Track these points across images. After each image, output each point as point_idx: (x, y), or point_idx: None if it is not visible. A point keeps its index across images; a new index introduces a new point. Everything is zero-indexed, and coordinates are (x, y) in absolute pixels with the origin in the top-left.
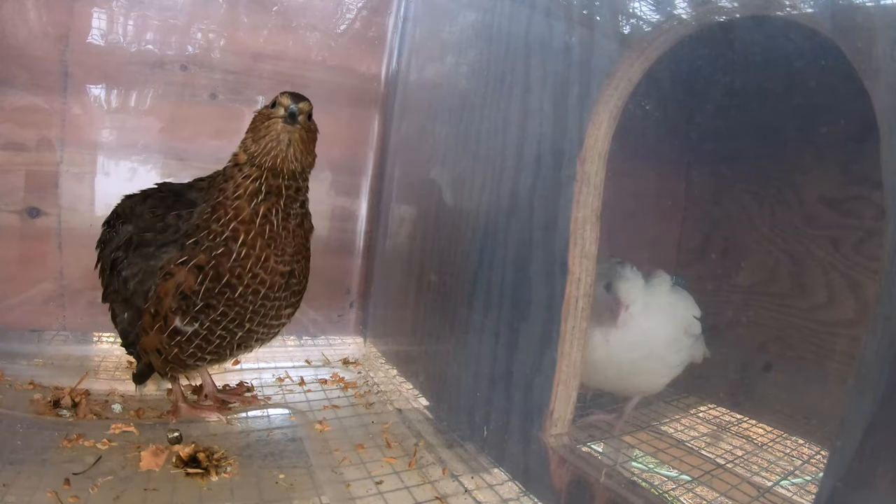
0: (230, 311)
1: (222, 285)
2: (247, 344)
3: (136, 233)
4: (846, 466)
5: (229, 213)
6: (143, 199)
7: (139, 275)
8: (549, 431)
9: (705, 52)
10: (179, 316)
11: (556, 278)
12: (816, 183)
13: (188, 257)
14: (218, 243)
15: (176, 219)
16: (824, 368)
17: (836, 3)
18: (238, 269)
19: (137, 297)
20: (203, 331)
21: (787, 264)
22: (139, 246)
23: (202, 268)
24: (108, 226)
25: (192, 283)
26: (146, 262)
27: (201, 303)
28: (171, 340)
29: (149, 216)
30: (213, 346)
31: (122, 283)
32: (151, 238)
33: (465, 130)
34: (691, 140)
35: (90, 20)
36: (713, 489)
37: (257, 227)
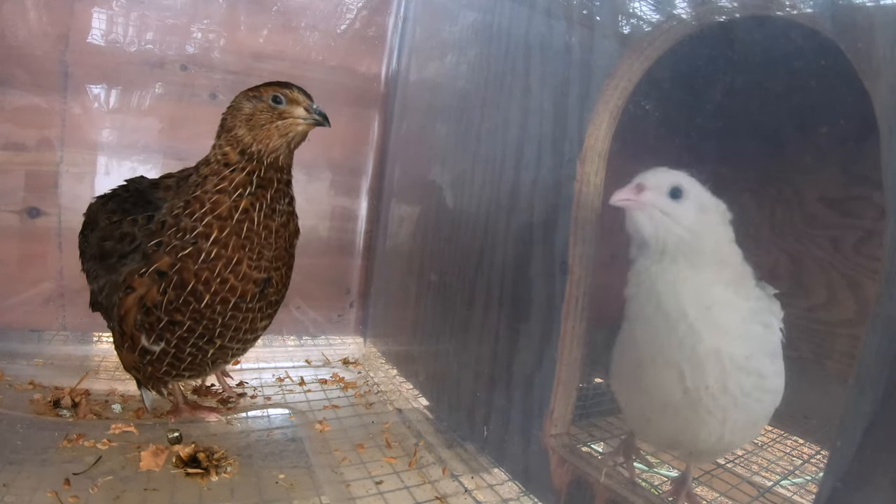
0: (197, 325)
1: (187, 293)
2: (223, 359)
3: (97, 243)
4: (846, 466)
5: (205, 207)
6: (104, 201)
7: (105, 289)
8: (549, 431)
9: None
10: (144, 334)
11: (556, 278)
12: (816, 183)
13: (148, 264)
14: (186, 241)
15: (132, 225)
16: (824, 368)
17: (836, 3)
18: (206, 273)
19: (111, 312)
20: (171, 349)
21: (787, 264)
22: (102, 258)
23: (164, 273)
24: (82, 235)
25: (155, 294)
26: (108, 274)
27: (165, 318)
28: (143, 359)
29: (105, 223)
30: (186, 364)
31: (97, 295)
32: (112, 248)
33: (465, 130)
34: (691, 140)
35: (90, 20)
36: (713, 489)
37: (234, 224)
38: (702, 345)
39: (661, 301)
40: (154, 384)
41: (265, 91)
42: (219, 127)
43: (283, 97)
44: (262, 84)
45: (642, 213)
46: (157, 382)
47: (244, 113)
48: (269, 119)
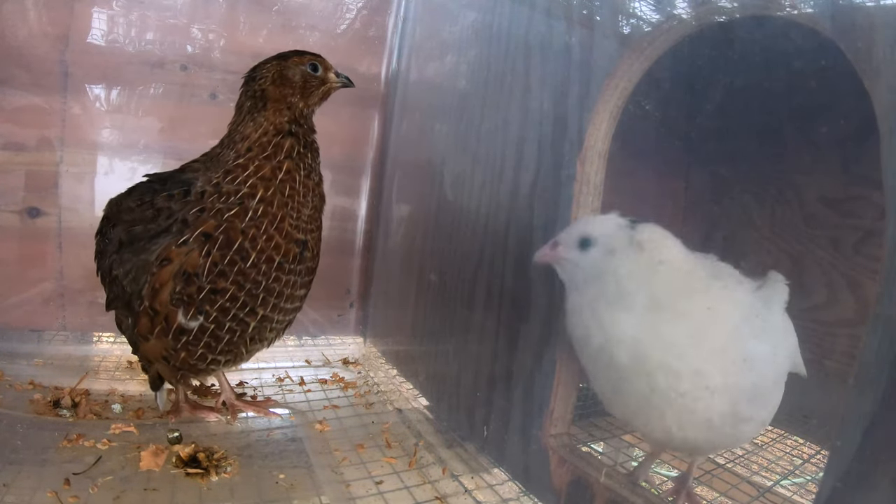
0: (240, 291)
1: (233, 252)
2: (262, 335)
3: (124, 230)
4: (846, 466)
5: (248, 170)
6: (127, 193)
7: (131, 272)
8: (549, 431)
9: (705, 52)
10: (182, 309)
11: (557, 278)
12: (816, 183)
13: (192, 230)
14: (231, 203)
15: (167, 200)
16: (824, 368)
17: (836, 3)
18: (252, 231)
19: (134, 299)
20: (210, 324)
21: (787, 264)
22: (130, 242)
23: (209, 235)
24: (100, 235)
25: (197, 259)
26: (137, 256)
27: (207, 285)
28: (177, 343)
29: (135, 207)
30: (224, 344)
31: (119, 287)
32: (141, 231)
33: (465, 130)
34: (691, 140)
35: (90, 20)
36: (713, 489)
37: (278, 183)
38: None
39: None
40: (183, 375)
41: (300, 60)
42: (250, 101)
43: (318, 64)
44: (288, 54)
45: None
46: (188, 372)
47: (296, 81)
48: (316, 85)
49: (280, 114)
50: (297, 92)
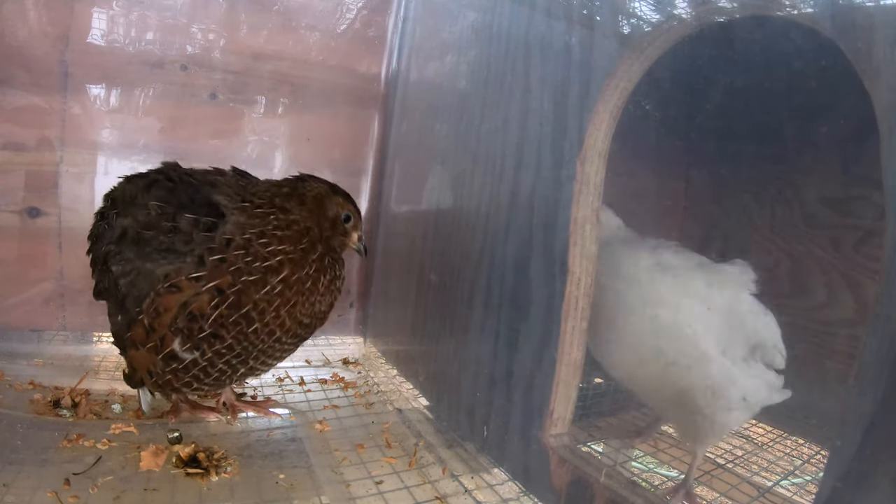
0: (237, 345)
1: (239, 315)
2: (245, 377)
3: (133, 227)
4: (846, 466)
5: (282, 245)
6: (146, 187)
7: (131, 275)
8: (549, 431)
9: (705, 52)
10: (179, 339)
11: (556, 278)
12: (816, 183)
13: (208, 274)
14: (254, 268)
15: (192, 225)
16: (824, 368)
17: (836, 3)
18: (263, 305)
19: (129, 302)
20: (203, 361)
21: (787, 264)
22: (136, 243)
23: (222, 291)
24: (101, 217)
25: (205, 306)
26: (142, 262)
27: (208, 329)
28: (166, 365)
29: (154, 212)
30: (210, 379)
31: (113, 282)
32: (152, 237)
33: (465, 130)
34: (691, 140)
35: (90, 20)
36: (713, 489)
37: (303, 275)
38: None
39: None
40: (163, 390)
41: (342, 204)
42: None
43: (352, 216)
44: (342, 193)
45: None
46: (169, 390)
47: (327, 216)
48: (337, 231)
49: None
50: (327, 222)
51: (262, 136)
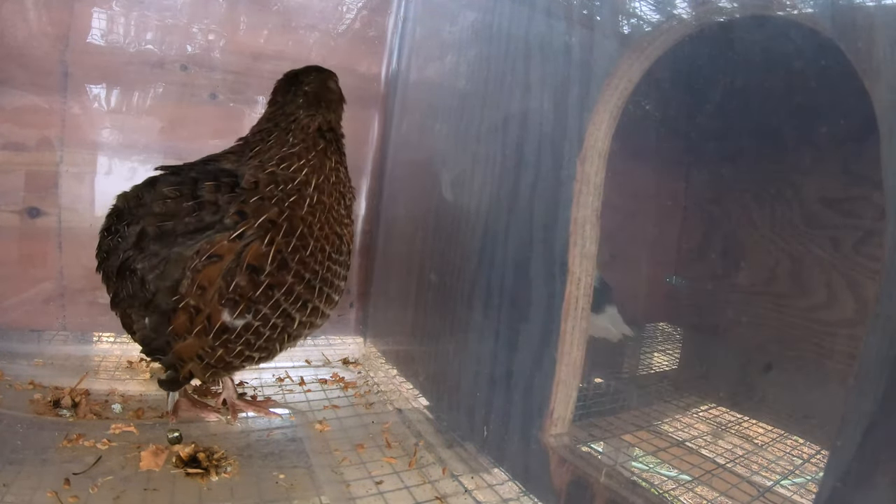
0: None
1: (296, 240)
2: (299, 332)
3: (152, 223)
4: (846, 466)
5: (302, 159)
6: (149, 184)
7: (159, 267)
8: (549, 431)
9: (705, 52)
10: (228, 310)
11: (556, 278)
12: (816, 183)
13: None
14: (290, 189)
15: (213, 192)
16: (824, 368)
17: (836, 3)
18: (310, 218)
19: (161, 297)
20: (257, 321)
21: (787, 264)
22: (159, 238)
23: (274, 223)
24: (108, 233)
25: (259, 249)
26: (168, 250)
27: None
28: (217, 341)
29: (172, 197)
30: (263, 340)
31: (139, 284)
32: (175, 225)
33: (465, 130)
34: (691, 140)
35: (90, 20)
36: (713, 489)
37: (327, 172)
38: None
39: None
40: (214, 373)
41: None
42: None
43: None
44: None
45: None
46: (221, 370)
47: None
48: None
49: (317, 116)
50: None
51: None
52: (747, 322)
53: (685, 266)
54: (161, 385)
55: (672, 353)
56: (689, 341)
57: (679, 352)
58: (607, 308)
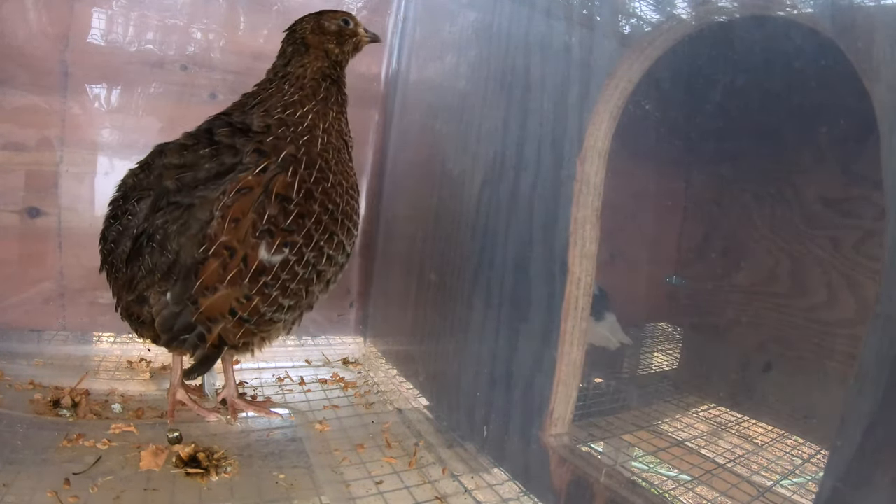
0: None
1: (317, 171)
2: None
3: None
4: (846, 466)
5: (307, 105)
6: (157, 155)
7: (182, 217)
8: (549, 431)
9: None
10: (265, 243)
11: (556, 278)
12: (816, 183)
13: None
14: (301, 131)
15: (231, 135)
16: (824, 368)
17: (836, 3)
18: (325, 154)
19: (185, 252)
20: (293, 256)
21: (787, 264)
22: (179, 191)
23: (294, 156)
24: (113, 220)
25: (285, 180)
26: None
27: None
28: (253, 287)
29: (188, 151)
30: (297, 283)
31: (159, 250)
32: (195, 176)
33: (465, 130)
34: (691, 140)
35: (90, 20)
36: (713, 488)
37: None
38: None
39: None
40: (246, 333)
41: (334, 16)
42: (292, 47)
43: (350, 20)
44: (323, 11)
45: None
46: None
47: (331, 31)
48: (349, 34)
49: (320, 59)
50: (333, 40)
51: None
52: (747, 322)
53: (685, 266)
54: (188, 375)
55: (672, 353)
56: (689, 341)
57: (679, 352)
58: (606, 316)
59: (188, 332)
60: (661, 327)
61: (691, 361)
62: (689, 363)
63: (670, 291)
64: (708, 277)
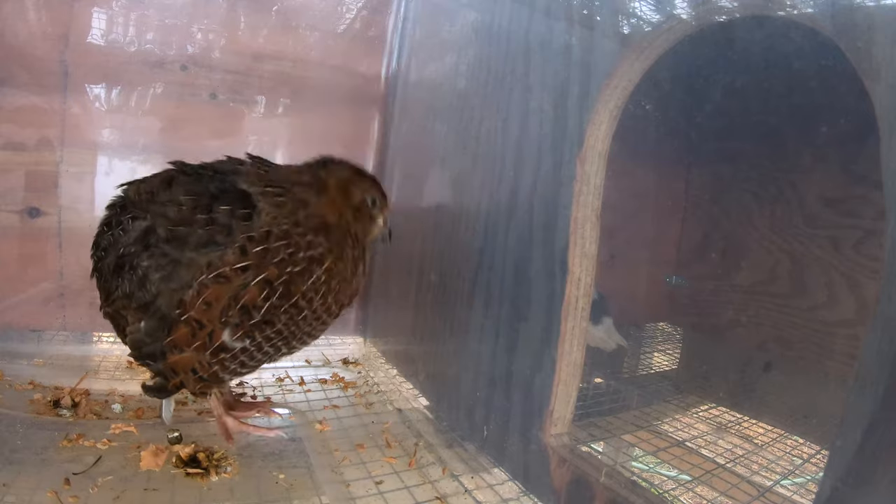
0: (286, 330)
1: (289, 304)
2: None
3: (164, 224)
4: (846, 466)
5: (319, 237)
6: (164, 182)
7: (167, 268)
8: (549, 431)
9: (705, 52)
10: (230, 330)
11: (556, 278)
12: (816, 183)
13: (254, 266)
14: (297, 259)
15: (230, 216)
16: (824, 368)
17: (836, 3)
18: (311, 294)
19: (164, 301)
20: (252, 347)
21: (787, 264)
22: (169, 241)
23: (270, 283)
24: (107, 227)
25: (256, 297)
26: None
27: (260, 318)
28: (214, 358)
29: (187, 206)
30: (254, 362)
31: (138, 283)
32: (189, 233)
33: (465, 130)
34: (691, 140)
35: (90, 20)
36: (713, 488)
37: (342, 264)
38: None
39: None
40: (205, 386)
41: (365, 188)
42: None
43: (377, 201)
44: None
45: None
46: (212, 385)
47: (353, 202)
48: (363, 217)
49: (331, 213)
50: (349, 210)
51: (262, 136)
52: (747, 322)
53: (685, 266)
54: (147, 391)
55: (672, 353)
56: (689, 341)
57: (679, 352)
58: (604, 319)
59: (153, 360)
60: (661, 327)
61: (691, 361)
62: (689, 363)
63: (670, 291)
64: (708, 277)
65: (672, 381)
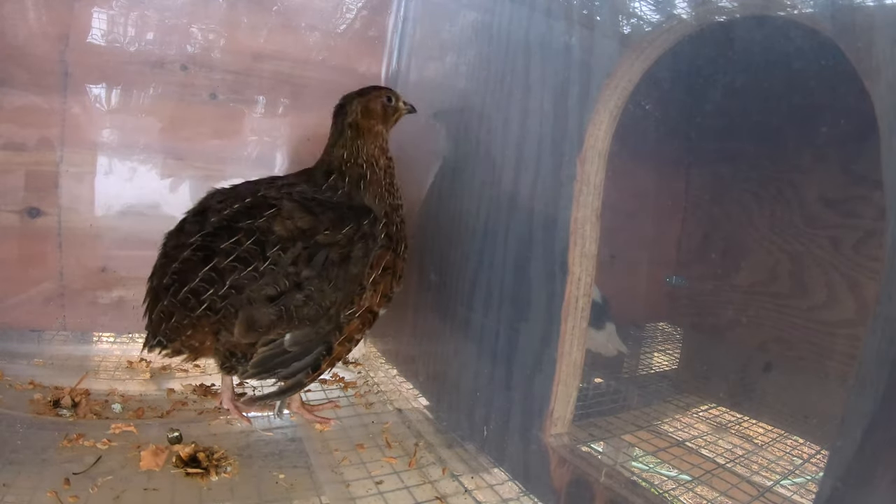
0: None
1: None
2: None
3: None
4: (846, 466)
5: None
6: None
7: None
8: (549, 431)
9: (705, 52)
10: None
11: (556, 278)
12: (816, 183)
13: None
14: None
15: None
16: (824, 368)
17: (836, 3)
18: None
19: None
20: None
21: (787, 264)
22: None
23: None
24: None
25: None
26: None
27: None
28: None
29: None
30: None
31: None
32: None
33: (465, 130)
34: (691, 140)
35: (90, 20)
36: (713, 489)
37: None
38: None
39: None
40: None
41: (378, 96)
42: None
43: (392, 97)
44: (367, 89)
45: None
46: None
47: (378, 113)
48: (392, 111)
49: (375, 144)
50: (380, 122)
51: (262, 136)
52: (747, 322)
53: (685, 266)
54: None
55: (672, 353)
56: (689, 341)
57: (679, 352)
58: (606, 325)
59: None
60: (661, 327)
61: (691, 361)
62: (689, 363)
63: (670, 291)
64: (708, 277)
65: (672, 381)
